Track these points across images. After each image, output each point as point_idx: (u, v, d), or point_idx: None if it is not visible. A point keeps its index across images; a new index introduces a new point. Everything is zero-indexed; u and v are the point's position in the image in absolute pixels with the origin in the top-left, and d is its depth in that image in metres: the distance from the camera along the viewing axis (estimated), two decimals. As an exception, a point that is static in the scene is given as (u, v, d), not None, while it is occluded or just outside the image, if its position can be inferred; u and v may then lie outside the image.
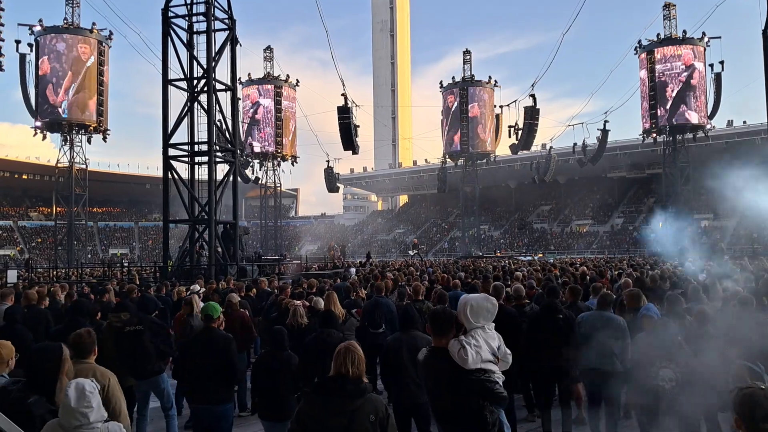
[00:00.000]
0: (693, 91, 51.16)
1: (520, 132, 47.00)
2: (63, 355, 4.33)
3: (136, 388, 8.21)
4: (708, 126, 52.03)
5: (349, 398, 3.91)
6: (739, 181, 58.09)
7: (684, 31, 50.83)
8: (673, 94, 51.27)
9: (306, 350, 6.95)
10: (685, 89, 51.01)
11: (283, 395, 6.59)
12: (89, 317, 8.65)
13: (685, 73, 50.98)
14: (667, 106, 51.34)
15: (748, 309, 7.42)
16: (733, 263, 21.06)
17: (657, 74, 51.35)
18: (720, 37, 50.15)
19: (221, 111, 25.20)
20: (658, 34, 51.68)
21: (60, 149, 53.67)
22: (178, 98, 25.46)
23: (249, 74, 62.31)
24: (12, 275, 26.74)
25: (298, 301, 11.23)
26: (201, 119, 24.87)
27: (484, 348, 4.37)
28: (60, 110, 50.28)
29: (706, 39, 50.81)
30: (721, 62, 49.05)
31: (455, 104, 63.41)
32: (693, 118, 51.09)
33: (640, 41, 52.53)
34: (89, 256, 64.16)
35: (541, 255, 57.61)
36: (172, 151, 24.78)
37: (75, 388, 3.54)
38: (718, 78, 49.20)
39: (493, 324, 4.61)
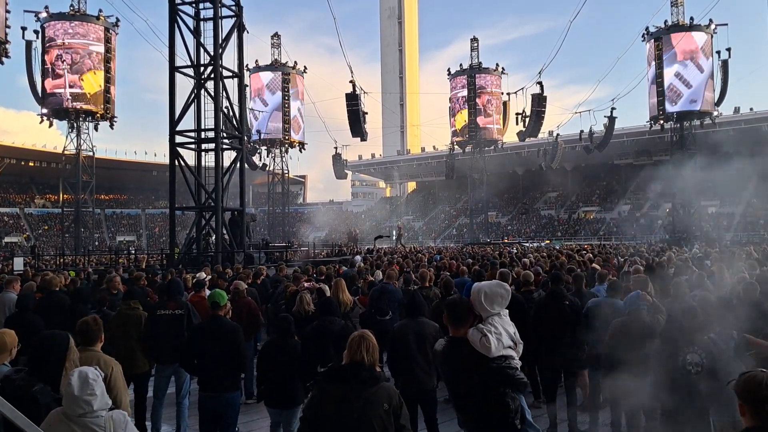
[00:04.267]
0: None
1: (527, 119, 46.88)
2: (69, 344, 4.35)
3: (159, 372, 8.29)
4: (715, 113, 51.78)
5: (362, 386, 3.91)
6: (745, 168, 57.95)
7: (691, 18, 50.46)
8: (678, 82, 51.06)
9: (307, 337, 6.96)
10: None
11: (290, 383, 6.62)
12: (97, 305, 8.70)
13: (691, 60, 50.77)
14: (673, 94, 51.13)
15: (753, 295, 7.41)
16: (739, 249, 20.98)
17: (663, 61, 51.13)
18: (727, 24, 49.82)
19: (228, 98, 25.18)
20: (666, 21, 51.35)
21: (67, 136, 53.76)
22: (184, 85, 25.49)
23: (256, 61, 62.27)
24: (18, 262, 26.89)
25: (308, 284, 11.30)
26: (208, 106, 24.89)
27: (504, 335, 4.38)
28: (66, 97, 50.23)
29: (713, 26, 50.49)
30: (728, 49, 48.77)
31: (463, 91, 63.31)
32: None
33: (647, 28, 52.20)
34: (96, 243, 64.33)
35: (548, 242, 57.61)
36: (178, 138, 24.78)
37: (78, 376, 3.55)
38: (725, 65, 48.90)
39: (507, 311, 4.62)
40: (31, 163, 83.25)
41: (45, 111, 50.40)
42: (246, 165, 27.64)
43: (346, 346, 4.07)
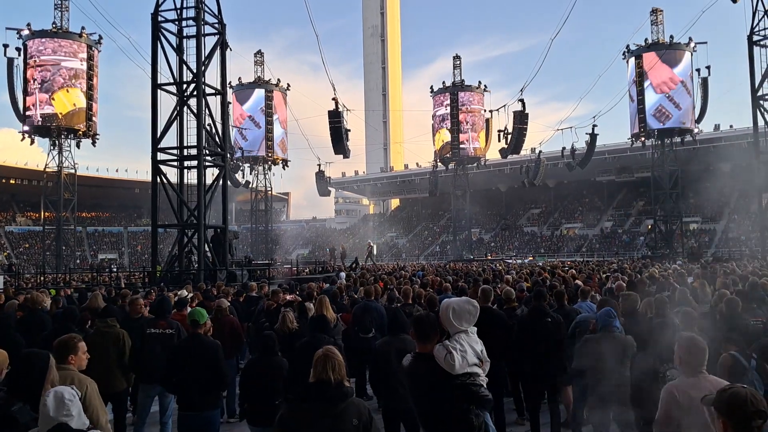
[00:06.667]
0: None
1: (509, 136, 47.12)
2: (50, 364, 4.30)
3: (145, 391, 8.20)
4: (696, 130, 52.30)
5: (331, 403, 3.92)
6: (726, 184, 58.34)
7: (671, 37, 51.05)
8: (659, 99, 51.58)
9: (296, 355, 6.92)
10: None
11: (273, 401, 6.56)
12: (79, 324, 8.62)
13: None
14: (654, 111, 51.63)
15: (735, 311, 7.46)
16: (719, 266, 21.12)
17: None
18: (706, 43, 50.46)
19: (211, 115, 25.15)
20: (646, 39, 51.89)
21: (48, 154, 53.42)
22: (167, 102, 25.44)
23: (239, 78, 62.16)
24: (-2, 281, 26.59)
25: (290, 296, 11.24)
26: (190, 123, 24.85)
27: (470, 352, 4.38)
28: (36, 119, 49.84)
29: (692, 44, 51.09)
30: (708, 67, 49.35)
31: (445, 109, 63.56)
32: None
33: (628, 46, 52.72)
34: (78, 261, 63.81)
35: (531, 258, 57.78)
36: (161, 156, 24.74)
37: (54, 397, 3.50)
38: (704, 82, 49.45)
39: (476, 328, 4.62)
40: (12, 181, 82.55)
41: (26, 128, 50.05)
42: (228, 182, 27.59)
43: (312, 365, 4.07)
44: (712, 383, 4.37)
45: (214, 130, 25.90)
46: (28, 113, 49.70)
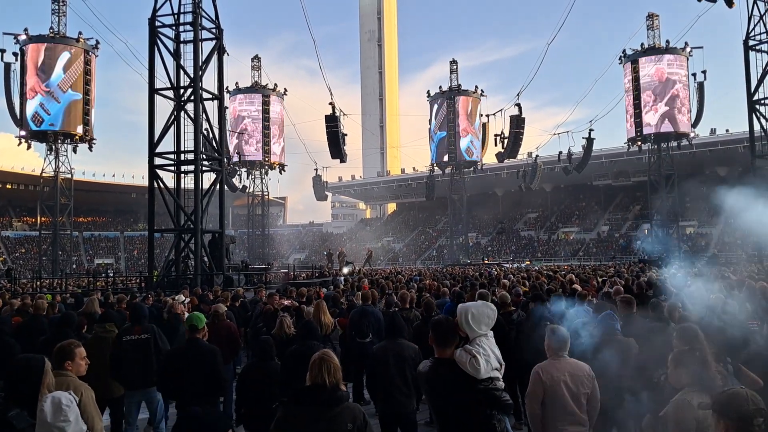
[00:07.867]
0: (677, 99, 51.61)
1: (506, 140, 47.10)
2: (45, 368, 4.28)
3: (129, 398, 8.17)
4: (692, 134, 52.42)
5: (326, 407, 3.92)
6: (722, 188, 58.19)
7: (667, 41, 51.27)
8: (657, 103, 51.68)
9: (286, 361, 6.91)
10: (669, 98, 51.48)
11: (270, 405, 6.55)
12: (76, 329, 8.60)
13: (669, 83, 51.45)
14: (651, 115, 51.72)
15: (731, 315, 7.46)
16: (718, 269, 21.11)
17: (641, 84, 51.78)
18: (702, 47, 50.67)
19: (208, 120, 25.15)
20: (642, 44, 52.06)
21: (45, 158, 53.41)
22: (164, 107, 25.45)
23: (237, 83, 62.21)
24: (-6, 286, 26.54)
25: (287, 301, 11.22)
26: (188, 128, 24.84)
27: (492, 356, 4.35)
28: (45, 120, 49.81)
29: (688, 49, 51.26)
30: (704, 71, 49.53)
31: (442, 113, 63.61)
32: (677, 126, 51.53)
33: (624, 51, 52.91)
34: (74, 266, 63.69)
35: (528, 262, 57.73)
36: (158, 160, 24.72)
37: (51, 402, 3.49)
38: (700, 87, 49.60)
39: (492, 332, 4.59)
40: (8, 186, 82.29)
41: (23, 133, 50.01)
42: (225, 187, 27.57)
43: (308, 368, 4.06)
44: (570, 364, 5.30)
45: (211, 135, 25.90)
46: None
